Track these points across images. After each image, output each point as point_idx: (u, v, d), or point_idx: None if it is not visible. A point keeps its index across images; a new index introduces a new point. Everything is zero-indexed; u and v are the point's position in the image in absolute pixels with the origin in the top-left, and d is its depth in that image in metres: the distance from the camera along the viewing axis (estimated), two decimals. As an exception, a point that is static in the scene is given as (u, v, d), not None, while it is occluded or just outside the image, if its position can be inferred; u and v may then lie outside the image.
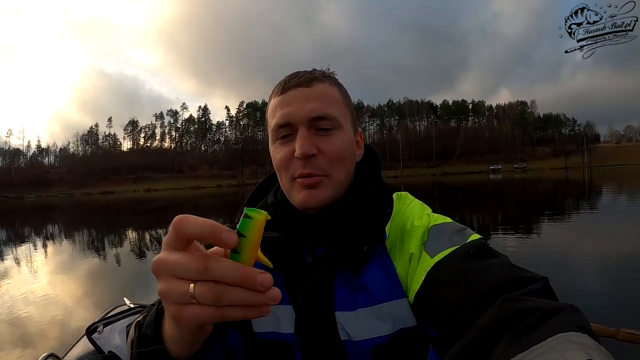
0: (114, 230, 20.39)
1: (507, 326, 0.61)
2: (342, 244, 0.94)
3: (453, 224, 0.95)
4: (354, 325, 0.90)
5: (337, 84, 1.04)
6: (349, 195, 1.00)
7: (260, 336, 0.98)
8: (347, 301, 0.92)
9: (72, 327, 5.62)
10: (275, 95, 1.01)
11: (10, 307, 6.77)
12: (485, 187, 42.12)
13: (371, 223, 0.96)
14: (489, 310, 0.66)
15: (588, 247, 9.26)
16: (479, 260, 0.80)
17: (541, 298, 0.65)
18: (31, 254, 12.97)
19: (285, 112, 0.95)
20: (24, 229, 24.30)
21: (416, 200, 1.09)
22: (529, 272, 0.75)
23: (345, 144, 0.98)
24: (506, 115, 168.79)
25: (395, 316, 0.90)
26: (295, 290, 0.96)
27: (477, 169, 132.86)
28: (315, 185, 0.94)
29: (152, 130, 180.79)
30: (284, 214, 1.02)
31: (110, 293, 7.31)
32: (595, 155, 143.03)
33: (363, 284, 0.93)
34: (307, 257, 0.98)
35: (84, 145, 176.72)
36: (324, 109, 0.95)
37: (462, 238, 0.88)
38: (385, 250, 0.96)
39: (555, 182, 46.28)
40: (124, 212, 35.86)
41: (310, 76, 0.99)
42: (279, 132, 0.97)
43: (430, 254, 0.86)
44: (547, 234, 11.41)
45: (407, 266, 0.91)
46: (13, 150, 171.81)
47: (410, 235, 0.94)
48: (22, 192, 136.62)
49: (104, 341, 2.03)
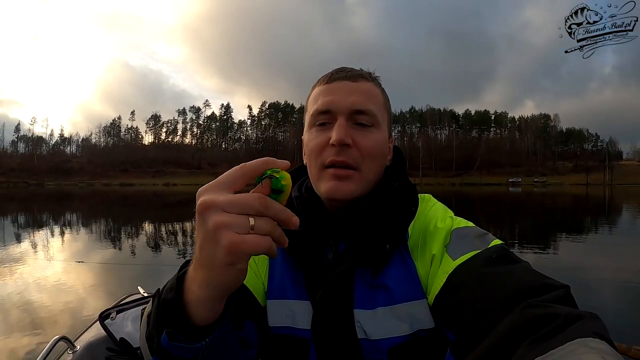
0: (131, 221, 20.55)
1: (527, 331, 0.61)
2: (365, 241, 0.94)
3: (475, 228, 0.95)
4: (372, 324, 0.90)
5: (381, 87, 1.05)
6: (374, 192, 1.00)
7: (275, 330, 0.98)
8: (367, 299, 0.92)
9: (83, 314, 5.67)
10: (320, 84, 1.02)
11: (23, 292, 6.84)
12: (503, 199, 41.72)
13: (395, 221, 0.96)
14: (510, 316, 0.66)
15: (603, 265, 9.10)
16: (502, 265, 0.80)
17: (562, 305, 0.65)
18: (48, 240, 13.14)
19: (327, 100, 0.97)
20: (42, 215, 24.58)
21: (439, 202, 1.09)
22: (551, 279, 0.74)
23: (380, 143, 0.98)
24: (528, 128, 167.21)
25: (413, 317, 0.90)
26: (314, 286, 0.96)
27: (497, 181, 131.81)
28: (345, 178, 0.94)
29: (174, 126, 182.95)
30: (307, 208, 1.03)
31: (123, 283, 7.34)
32: (617, 173, 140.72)
33: (383, 282, 0.92)
34: (328, 254, 0.98)
35: (106, 136, 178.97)
36: (366, 104, 0.96)
37: (484, 243, 0.87)
38: (407, 250, 0.96)
39: (574, 197, 45.66)
40: (142, 204, 36.17)
41: (357, 72, 1.01)
42: (318, 119, 0.98)
43: (452, 257, 0.87)
44: (563, 250, 11.25)
45: (428, 267, 0.91)
46: (36, 138, 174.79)
47: (433, 237, 0.94)
48: (43, 179, 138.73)
49: (116, 327, 2.05)
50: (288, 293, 1.00)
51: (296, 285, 1.00)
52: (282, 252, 1.05)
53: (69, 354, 1.95)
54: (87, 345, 2.01)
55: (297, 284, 1.00)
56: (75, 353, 1.95)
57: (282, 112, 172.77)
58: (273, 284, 1.03)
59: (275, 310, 1.00)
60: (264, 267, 1.06)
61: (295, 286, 1.00)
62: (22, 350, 4.50)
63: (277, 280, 1.03)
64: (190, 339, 0.67)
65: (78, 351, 1.96)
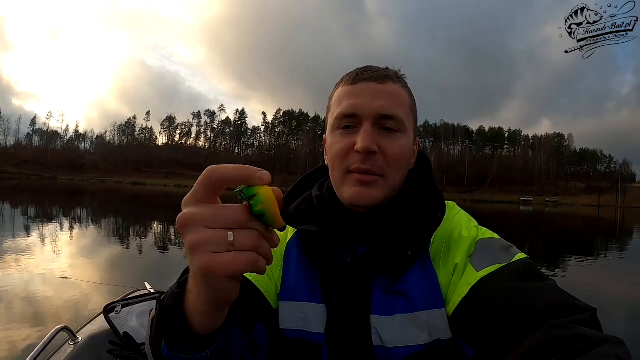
0: (141, 220, 20.64)
1: (551, 351, 0.60)
2: (386, 246, 0.91)
3: (500, 240, 0.92)
4: (389, 331, 0.87)
5: (407, 88, 1.01)
6: (399, 197, 0.97)
7: (287, 333, 0.95)
8: (385, 305, 0.89)
9: (88, 308, 5.67)
10: (345, 84, 0.98)
11: (28, 284, 6.86)
12: (514, 218, 41.43)
13: (420, 227, 0.92)
14: (534, 335, 0.65)
15: (612, 289, 9.03)
16: (528, 281, 0.77)
17: (587, 328, 0.64)
18: (57, 234, 13.20)
19: (353, 103, 0.92)
20: (53, 208, 24.77)
21: (463, 211, 1.05)
22: (578, 300, 0.72)
23: (406, 148, 0.95)
24: (542, 147, 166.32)
25: (432, 326, 0.87)
26: (331, 289, 0.93)
27: (509, 199, 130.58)
28: (369, 184, 0.91)
29: (189, 128, 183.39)
30: (328, 209, 1.00)
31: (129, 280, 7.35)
32: (630, 195, 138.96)
33: (403, 289, 0.89)
34: (346, 257, 0.94)
35: (120, 135, 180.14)
36: (393, 109, 0.92)
37: (508, 256, 0.85)
38: (429, 258, 0.93)
39: (586, 219, 45.24)
40: (153, 204, 36.31)
41: (384, 73, 0.96)
42: (342, 122, 0.94)
43: (476, 268, 0.84)
44: (573, 272, 11.11)
45: (450, 276, 0.88)
46: (51, 132, 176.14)
47: (458, 246, 0.91)
48: (56, 173, 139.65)
49: (120, 322, 2.01)
50: (302, 295, 0.97)
51: (311, 287, 0.97)
52: (298, 252, 1.03)
53: (70, 344, 1.92)
54: (89, 337, 1.98)
55: (313, 286, 0.97)
56: (77, 344, 1.92)
57: (297, 121, 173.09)
58: (287, 284, 1.00)
59: (288, 312, 0.96)
60: (277, 267, 1.02)
61: (310, 288, 0.97)
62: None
63: (292, 281, 1.00)
64: (190, 348, 0.64)
65: (80, 342, 1.93)
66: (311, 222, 1.00)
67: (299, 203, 1.09)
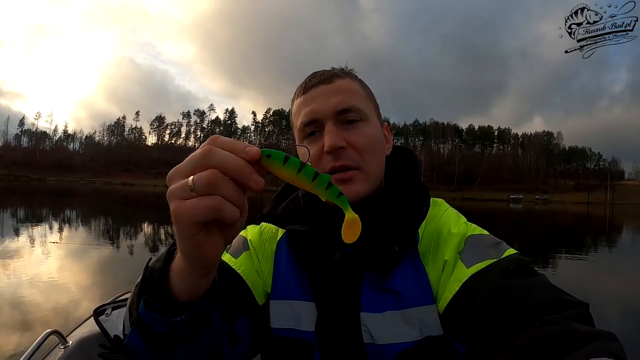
0: (131, 221, 20.49)
1: (545, 347, 0.60)
2: (372, 242, 0.91)
3: (490, 236, 0.92)
4: (379, 328, 0.87)
5: (357, 79, 1.03)
6: (383, 192, 0.98)
7: (278, 332, 0.96)
8: (374, 303, 0.89)
9: (77, 313, 5.57)
10: (298, 96, 1.00)
11: (17, 288, 6.72)
12: (504, 215, 41.53)
13: (405, 222, 0.92)
14: (528, 331, 0.65)
15: (603, 286, 9.03)
16: (519, 277, 0.77)
17: (579, 323, 0.64)
18: (46, 236, 13.01)
19: (309, 110, 0.94)
20: (42, 210, 24.49)
21: (451, 207, 1.06)
22: (570, 296, 0.73)
23: (374, 134, 0.96)
24: (531, 145, 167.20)
25: (423, 322, 0.87)
26: (320, 287, 0.94)
27: (498, 197, 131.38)
28: (348, 180, 0.91)
29: (178, 128, 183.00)
30: (314, 208, 1.01)
31: (120, 283, 7.28)
32: (619, 193, 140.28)
33: (392, 286, 0.90)
34: (335, 255, 0.95)
35: (110, 135, 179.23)
36: (348, 101, 0.94)
37: (499, 252, 0.85)
38: (418, 254, 0.93)
39: (575, 216, 45.50)
40: (143, 205, 35.97)
41: (330, 73, 0.99)
42: (306, 130, 0.96)
43: (466, 264, 0.84)
44: (562, 269, 11.14)
45: (439, 273, 0.88)
46: (40, 133, 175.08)
47: (447, 242, 0.91)
48: (45, 174, 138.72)
49: (110, 324, 1.98)
50: (293, 294, 0.98)
51: (302, 286, 0.98)
52: (288, 251, 1.04)
53: (60, 348, 1.89)
54: (79, 340, 1.95)
55: (303, 284, 0.98)
56: (67, 348, 1.89)
57: (287, 120, 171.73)
58: (277, 283, 1.01)
59: (279, 311, 0.97)
60: (267, 266, 1.04)
61: (300, 287, 0.98)
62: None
63: (282, 280, 1.01)
64: (167, 312, 0.64)
65: (70, 346, 1.90)
66: (299, 222, 1.01)
67: (287, 204, 1.10)
